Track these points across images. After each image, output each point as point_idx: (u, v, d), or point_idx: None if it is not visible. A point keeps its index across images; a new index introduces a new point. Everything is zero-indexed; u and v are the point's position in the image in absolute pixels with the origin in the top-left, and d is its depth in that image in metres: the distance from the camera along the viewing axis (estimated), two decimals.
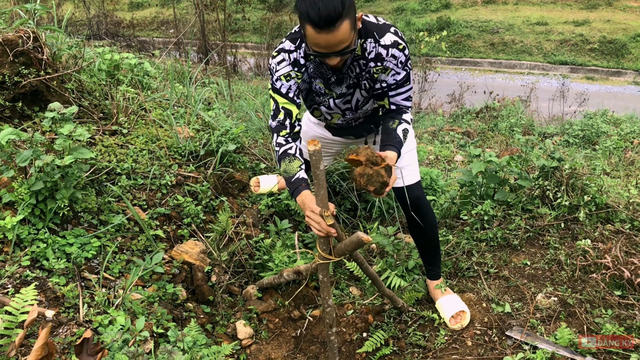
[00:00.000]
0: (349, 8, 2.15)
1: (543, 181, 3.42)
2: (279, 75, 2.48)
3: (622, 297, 2.79)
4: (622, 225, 3.26)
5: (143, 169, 3.33)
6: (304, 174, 2.45)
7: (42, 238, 2.58)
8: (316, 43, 2.19)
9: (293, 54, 2.46)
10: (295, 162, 2.45)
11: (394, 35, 2.40)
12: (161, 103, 4.22)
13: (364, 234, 2.10)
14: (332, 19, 2.09)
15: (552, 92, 10.87)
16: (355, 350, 2.85)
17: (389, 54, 2.40)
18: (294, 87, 2.52)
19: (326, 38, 2.15)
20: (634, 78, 13.97)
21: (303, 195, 2.35)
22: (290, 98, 2.51)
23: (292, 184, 2.42)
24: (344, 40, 2.19)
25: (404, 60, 2.43)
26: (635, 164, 6.84)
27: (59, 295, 2.39)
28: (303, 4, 2.12)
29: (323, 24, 2.10)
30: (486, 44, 15.96)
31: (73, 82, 3.59)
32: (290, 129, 2.52)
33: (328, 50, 2.21)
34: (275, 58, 2.48)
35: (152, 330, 2.46)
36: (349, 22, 2.16)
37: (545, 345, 2.56)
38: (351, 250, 2.28)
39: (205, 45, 11.93)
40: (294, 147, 2.50)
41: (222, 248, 3.28)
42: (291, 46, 2.46)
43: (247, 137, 4.28)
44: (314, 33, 2.15)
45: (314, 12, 2.08)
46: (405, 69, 2.46)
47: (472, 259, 3.31)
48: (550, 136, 8.74)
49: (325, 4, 2.07)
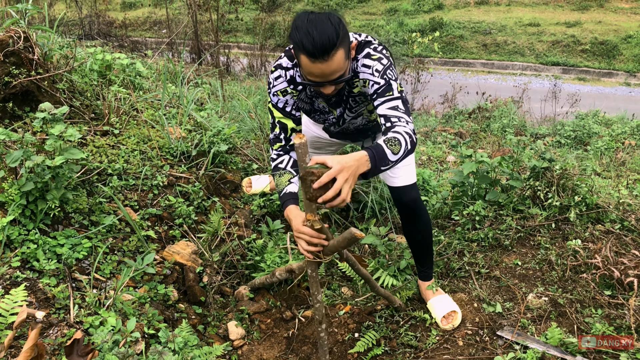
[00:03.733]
0: (343, 37, 2.15)
1: (534, 182, 3.44)
2: (275, 91, 2.49)
3: (612, 296, 2.81)
4: (612, 226, 3.28)
5: (134, 169, 3.32)
6: (293, 187, 2.47)
7: (32, 239, 2.57)
8: (310, 72, 2.19)
9: (290, 71, 2.46)
10: (284, 176, 2.48)
11: (369, 48, 2.38)
12: (153, 103, 4.21)
13: (357, 230, 2.09)
14: (327, 48, 2.09)
15: (544, 93, 10.92)
16: (347, 350, 2.85)
17: (361, 64, 2.39)
18: (291, 102, 2.53)
19: (320, 67, 2.15)
20: (625, 79, 14.05)
21: (288, 210, 2.38)
22: (287, 112, 2.53)
23: (281, 198, 2.46)
24: (338, 70, 2.19)
25: (379, 68, 2.36)
26: (626, 165, 6.88)
27: (50, 296, 2.37)
28: (297, 34, 2.11)
29: (317, 54, 2.10)
30: (479, 45, 16.01)
31: (64, 83, 3.58)
32: (285, 142, 2.55)
33: (322, 79, 2.21)
34: (273, 73, 2.48)
35: (143, 331, 2.46)
36: (343, 51, 2.15)
37: (535, 345, 2.57)
38: (344, 247, 2.27)
39: (198, 46, 11.90)
40: (285, 161, 2.53)
41: (214, 249, 3.27)
42: (288, 63, 2.46)
43: (240, 138, 4.28)
44: (308, 62, 2.15)
45: (308, 42, 2.08)
46: (383, 77, 2.37)
47: (463, 259, 3.32)
48: (542, 137, 8.78)
49: (320, 34, 2.07)
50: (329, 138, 3.07)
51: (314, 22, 2.09)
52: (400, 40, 13.33)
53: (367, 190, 3.89)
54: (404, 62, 12.04)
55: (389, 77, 2.37)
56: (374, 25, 16.92)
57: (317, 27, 2.07)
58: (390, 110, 2.34)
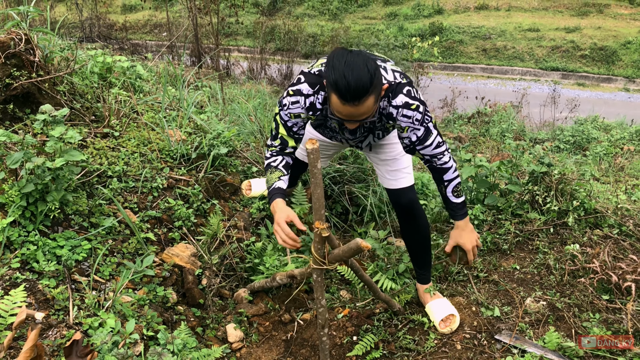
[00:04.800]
0: (377, 84, 2.21)
1: (532, 186, 3.45)
2: (289, 112, 2.54)
3: (610, 301, 2.82)
4: (611, 230, 3.29)
5: (134, 171, 3.33)
6: (282, 183, 2.60)
7: (32, 240, 2.57)
8: (339, 111, 2.27)
9: (310, 98, 2.50)
10: (275, 173, 2.61)
11: (405, 96, 2.44)
12: (153, 106, 4.22)
13: (363, 241, 2.11)
14: (360, 94, 2.15)
15: (543, 98, 10.94)
16: (346, 353, 2.85)
17: (400, 114, 2.45)
18: (300, 124, 2.61)
19: (350, 110, 2.23)
20: (624, 85, 14.08)
21: (275, 203, 2.52)
22: (293, 132, 2.62)
23: (270, 192, 2.58)
24: (366, 113, 2.27)
25: (419, 117, 2.47)
26: (625, 170, 6.91)
27: (49, 298, 2.38)
28: (333, 74, 2.17)
29: (350, 98, 2.16)
30: (478, 50, 16.04)
31: (65, 85, 3.58)
32: (280, 150, 2.68)
33: (349, 118, 2.30)
34: (291, 97, 2.51)
35: (142, 333, 2.46)
36: (374, 98, 2.22)
37: (533, 349, 2.58)
38: (348, 256, 2.30)
39: (199, 49, 11.93)
40: (278, 160, 2.66)
41: (213, 251, 3.28)
42: (309, 90, 2.49)
43: (239, 141, 4.29)
44: (339, 103, 2.22)
45: (342, 85, 2.14)
46: (423, 125, 2.49)
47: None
48: (541, 142, 8.80)
49: (356, 80, 2.12)
50: (329, 140, 3.09)
51: (351, 66, 2.14)
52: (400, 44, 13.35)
53: (367, 194, 3.90)
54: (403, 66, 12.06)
55: (427, 121, 2.50)
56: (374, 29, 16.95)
57: (354, 72, 2.13)
58: (434, 150, 2.57)
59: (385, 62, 2.66)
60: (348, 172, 3.98)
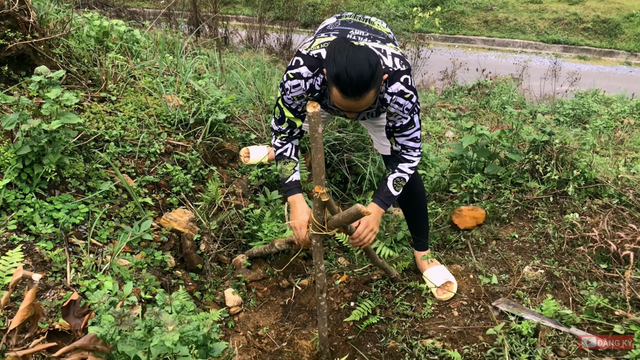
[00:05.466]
0: (378, 78, 2.20)
1: (533, 155, 3.42)
2: (291, 96, 2.56)
3: (608, 269, 2.82)
4: (610, 200, 3.28)
5: (132, 136, 3.29)
6: (297, 175, 2.68)
7: (29, 203, 2.56)
8: (339, 104, 2.27)
9: (310, 80, 2.50)
10: (290, 164, 2.67)
11: (402, 84, 2.42)
12: (150, 71, 4.16)
13: (363, 206, 2.11)
14: (360, 90, 2.16)
15: (544, 71, 10.85)
16: (343, 318, 2.86)
17: (393, 101, 2.45)
18: (303, 103, 2.63)
19: (350, 104, 2.24)
20: (626, 58, 13.95)
21: (294, 197, 2.63)
22: (298, 113, 2.65)
23: (286, 185, 2.67)
24: (366, 106, 2.28)
25: (409, 107, 2.47)
26: (624, 143, 6.88)
27: (46, 260, 2.37)
28: (334, 67, 2.15)
29: (351, 94, 2.17)
30: (480, 21, 15.85)
31: (61, 48, 3.52)
32: (289, 134, 2.70)
33: (349, 110, 2.32)
34: (291, 81, 2.51)
35: (140, 296, 2.46)
36: (375, 91, 2.22)
37: (530, 316, 2.59)
38: (348, 222, 2.30)
39: (197, 17, 11.76)
40: (289, 149, 2.71)
41: (212, 217, 3.27)
42: (309, 73, 2.48)
43: (238, 107, 4.24)
44: (339, 96, 2.22)
45: (344, 80, 2.14)
46: (411, 115, 2.51)
47: (460, 231, 3.32)
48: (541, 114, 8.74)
49: (358, 75, 2.11)
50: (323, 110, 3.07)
51: (353, 62, 2.13)
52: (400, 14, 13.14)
53: (366, 163, 3.88)
54: (404, 37, 11.91)
55: (415, 112, 2.52)
56: None
57: (356, 67, 2.12)
58: (409, 142, 2.60)
59: (386, 42, 2.61)
60: (347, 140, 3.95)
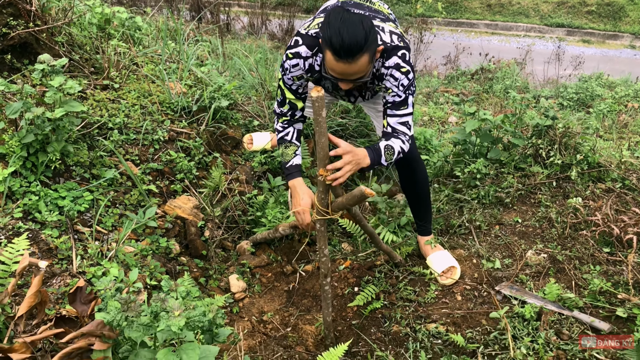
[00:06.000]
0: (372, 42, 2.22)
1: (536, 140, 3.42)
2: (291, 76, 2.60)
3: (611, 253, 2.83)
4: (614, 184, 3.28)
5: (135, 124, 3.30)
6: (298, 159, 2.71)
7: (34, 191, 2.57)
8: (333, 68, 2.28)
9: (309, 60, 2.54)
10: (291, 147, 2.70)
11: (399, 59, 2.45)
12: (153, 58, 4.16)
13: (367, 188, 2.12)
14: (353, 51, 2.17)
15: (547, 55, 10.78)
16: (347, 304, 2.88)
17: (388, 74, 2.47)
18: (304, 84, 2.66)
19: (343, 67, 2.24)
20: (630, 41, 13.86)
21: (295, 182, 2.65)
22: (299, 94, 2.69)
23: (287, 169, 2.69)
24: (359, 72, 2.28)
25: (405, 83, 2.48)
26: (628, 127, 6.86)
27: (52, 247, 2.39)
28: (328, 30, 2.18)
29: (343, 54, 2.18)
30: (483, 5, 15.75)
31: (63, 36, 3.52)
32: (290, 117, 2.73)
33: (343, 77, 2.31)
34: (291, 60, 2.55)
35: (146, 282, 2.49)
36: (368, 56, 2.23)
37: (533, 300, 2.60)
38: (352, 204, 2.31)
39: (198, 3, 11.71)
40: (290, 133, 2.74)
41: (215, 204, 3.28)
42: (307, 52, 2.52)
43: (240, 94, 4.24)
44: (332, 59, 2.23)
45: (336, 41, 2.16)
46: (406, 92, 2.50)
47: (463, 216, 3.33)
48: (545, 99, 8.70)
49: (350, 36, 2.14)
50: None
51: (346, 23, 2.16)
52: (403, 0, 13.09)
53: None
54: (407, 22, 11.85)
55: (410, 92, 2.51)
56: None
57: (349, 28, 2.15)
58: (399, 125, 2.55)
59: (386, 21, 2.61)
60: (350, 126, 3.95)
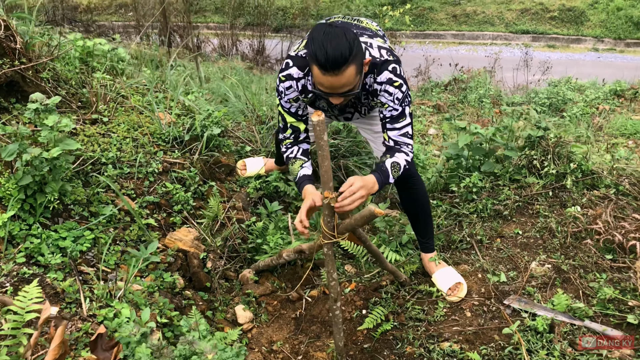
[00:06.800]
0: (357, 54, 2.23)
1: (529, 151, 3.47)
2: (287, 99, 2.60)
3: (614, 260, 2.87)
4: (608, 191, 3.33)
5: (128, 157, 3.25)
6: (306, 170, 2.66)
7: (34, 233, 2.51)
8: (320, 83, 2.29)
9: (301, 81, 2.55)
10: (296, 163, 2.68)
11: (390, 73, 2.47)
12: (138, 89, 4.11)
13: (377, 207, 2.12)
14: (339, 63, 2.18)
15: (515, 62, 10.97)
16: (356, 327, 2.86)
17: (382, 89, 2.49)
18: (302, 105, 2.66)
19: (330, 80, 2.25)
20: (593, 44, 14.21)
21: (305, 190, 2.58)
22: (300, 116, 2.68)
23: (297, 182, 2.65)
24: (347, 84, 2.28)
25: (400, 97, 2.50)
26: (603, 130, 7.00)
27: (59, 291, 2.33)
28: (312, 45, 2.20)
29: (329, 67, 2.19)
30: (448, 16, 16.00)
31: (48, 71, 3.47)
32: (294, 139, 2.74)
33: (331, 91, 2.32)
34: (284, 83, 2.56)
35: (157, 320, 2.43)
36: (354, 67, 2.24)
37: (543, 312, 2.61)
38: (361, 225, 2.30)
39: (167, 28, 11.66)
40: (295, 151, 2.72)
41: (215, 234, 3.24)
42: (299, 73, 2.53)
43: (229, 120, 4.22)
44: (319, 74, 2.24)
45: (321, 55, 2.17)
46: (402, 105, 2.53)
47: (463, 231, 3.35)
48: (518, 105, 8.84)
49: (334, 49, 2.15)
50: None
51: (330, 36, 2.18)
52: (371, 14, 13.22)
53: (362, 167, 3.89)
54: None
55: (406, 103, 2.54)
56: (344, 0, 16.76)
57: (332, 41, 2.16)
58: (400, 137, 2.58)
59: (374, 37, 2.64)
60: (342, 146, 3.95)
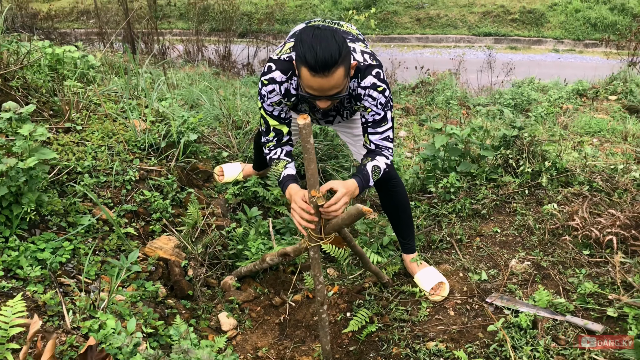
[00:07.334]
0: (346, 56, 2.25)
1: (505, 150, 3.52)
2: (270, 102, 2.59)
3: (591, 255, 2.93)
4: (581, 187, 3.41)
5: (104, 165, 3.19)
6: (289, 170, 2.63)
7: (11, 246, 2.44)
8: (310, 85, 2.28)
9: (284, 84, 2.54)
10: (280, 163, 2.67)
11: (374, 78, 2.49)
12: (110, 96, 4.05)
13: (364, 206, 2.12)
14: (328, 65, 2.18)
15: (479, 64, 11.15)
16: (341, 330, 2.86)
17: (366, 94, 2.51)
18: (285, 109, 2.65)
19: (320, 82, 2.24)
20: (553, 46, 14.55)
21: (290, 189, 2.53)
22: (282, 119, 2.67)
23: (281, 182, 2.63)
24: (336, 86, 2.29)
25: (383, 101, 2.52)
26: (569, 128, 7.16)
27: (40, 304, 2.27)
28: (302, 47, 2.20)
29: (319, 69, 2.19)
30: (412, 20, 16.18)
31: (17, 80, 3.39)
32: (277, 142, 2.71)
33: (320, 93, 2.31)
34: (266, 86, 2.54)
35: (142, 330, 2.39)
36: (343, 69, 2.25)
37: (526, 309, 2.66)
38: (349, 223, 2.30)
39: (131, 34, 11.51)
40: (278, 152, 2.70)
41: (196, 241, 3.20)
42: (282, 77, 2.52)
43: (204, 125, 4.18)
44: (309, 76, 2.24)
45: (311, 56, 2.17)
46: (384, 110, 2.55)
47: (443, 231, 3.38)
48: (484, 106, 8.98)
49: (323, 50, 2.16)
50: None
51: (319, 38, 2.19)
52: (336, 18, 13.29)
53: (340, 170, 3.90)
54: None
55: (388, 107, 2.56)
56: (310, 4, 16.80)
57: (322, 43, 2.18)
58: (381, 141, 2.62)
59: (355, 41, 2.66)
60: (320, 150, 3.95)
